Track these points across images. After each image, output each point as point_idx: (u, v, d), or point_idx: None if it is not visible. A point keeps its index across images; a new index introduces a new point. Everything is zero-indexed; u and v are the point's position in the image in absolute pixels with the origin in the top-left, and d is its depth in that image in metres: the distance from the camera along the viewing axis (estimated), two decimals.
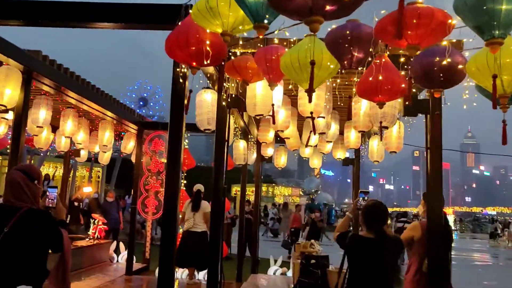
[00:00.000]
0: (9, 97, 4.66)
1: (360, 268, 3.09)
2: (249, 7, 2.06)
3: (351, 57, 2.74)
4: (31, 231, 2.64)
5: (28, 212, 2.62)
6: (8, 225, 2.54)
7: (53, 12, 3.49)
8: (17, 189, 2.63)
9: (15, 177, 2.65)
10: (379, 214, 3.15)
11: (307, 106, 4.15)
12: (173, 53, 2.84)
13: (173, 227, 3.19)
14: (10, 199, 2.64)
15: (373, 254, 3.03)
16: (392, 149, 5.70)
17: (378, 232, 3.06)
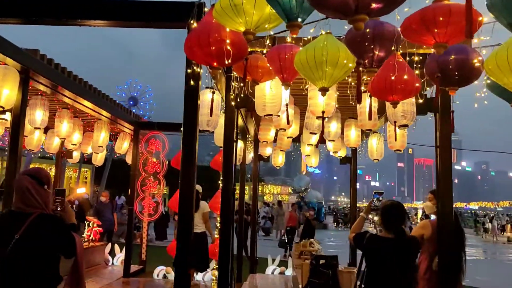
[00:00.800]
0: (6, 97, 4.51)
1: (379, 269, 3.06)
2: (282, 5, 2.00)
3: (372, 56, 2.70)
4: (43, 237, 2.56)
5: (39, 217, 2.54)
6: (19, 232, 2.46)
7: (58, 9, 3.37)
8: (26, 194, 2.54)
9: (23, 183, 2.56)
10: (398, 214, 3.13)
11: (318, 106, 4.11)
12: (193, 53, 2.76)
13: (189, 228, 3.11)
14: (20, 205, 2.56)
15: (393, 254, 3.01)
16: (396, 147, 5.70)
17: (398, 232, 3.04)
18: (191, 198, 3.12)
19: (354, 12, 1.58)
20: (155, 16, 3.30)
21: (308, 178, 32.21)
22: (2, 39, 4.14)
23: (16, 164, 4.50)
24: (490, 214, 38.46)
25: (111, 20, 3.33)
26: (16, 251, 2.44)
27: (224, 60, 2.78)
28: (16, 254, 2.44)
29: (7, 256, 2.44)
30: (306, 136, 6.70)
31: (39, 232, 2.51)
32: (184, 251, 3.10)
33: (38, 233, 2.51)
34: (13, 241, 2.43)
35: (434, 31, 2.29)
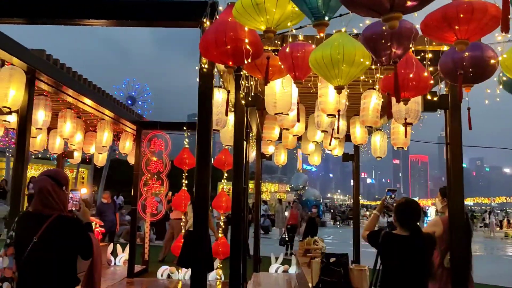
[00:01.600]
0: (13, 98, 4.47)
1: (395, 267, 3.06)
2: (309, 4, 1.99)
3: (389, 53, 2.69)
4: (61, 239, 2.56)
5: (57, 219, 2.55)
6: (37, 234, 2.47)
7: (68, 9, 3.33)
8: (46, 196, 2.55)
9: (44, 184, 2.57)
10: (413, 211, 3.13)
11: (328, 104, 4.10)
12: (209, 52, 2.74)
13: (204, 228, 3.09)
14: (39, 207, 2.56)
15: (409, 252, 3.01)
16: (400, 145, 5.71)
17: (414, 229, 3.04)
18: (206, 198, 3.10)
19: (389, 10, 1.57)
20: (168, 16, 3.27)
21: (306, 176, 32.27)
22: (8, 39, 4.10)
23: (23, 165, 4.46)
24: (486, 210, 38.73)
25: (123, 20, 3.30)
26: (34, 253, 2.45)
27: (240, 59, 2.77)
28: (34, 256, 2.45)
29: (26, 257, 2.45)
30: (311, 134, 6.70)
31: (57, 234, 2.52)
32: (199, 250, 3.08)
33: (56, 235, 2.52)
34: (32, 243, 2.44)
35: (456, 28, 2.29)
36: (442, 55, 3.16)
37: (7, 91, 4.41)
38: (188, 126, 7.79)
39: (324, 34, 3.51)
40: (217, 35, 2.68)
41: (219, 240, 7.57)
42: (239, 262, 3.96)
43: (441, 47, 3.61)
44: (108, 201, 10.24)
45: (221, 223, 7.73)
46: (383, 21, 1.61)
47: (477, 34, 2.30)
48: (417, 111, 4.05)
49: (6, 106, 4.43)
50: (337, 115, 3.84)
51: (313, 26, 2.15)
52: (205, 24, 3.18)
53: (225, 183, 7.70)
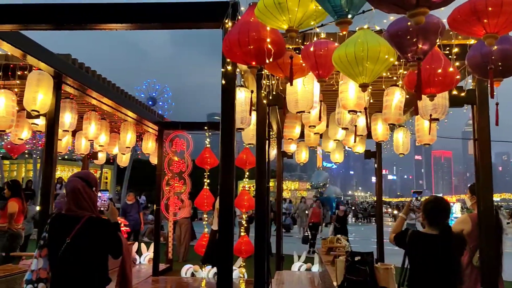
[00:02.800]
0: (41, 102, 4.60)
1: (424, 266, 3.00)
2: (332, 2, 1.98)
3: (415, 49, 2.65)
4: (93, 240, 2.63)
5: (88, 221, 2.62)
6: (70, 235, 2.54)
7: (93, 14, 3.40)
8: (78, 197, 2.63)
9: (75, 185, 2.65)
10: (442, 209, 3.07)
11: (349, 100, 4.06)
12: (232, 53, 2.75)
13: (230, 225, 3.12)
14: (71, 207, 2.64)
15: (438, 251, 2.95)
16: (425, 141, 5.60)
17: (443, 228, 2.98)
18: (231, 195, 3.12)
19: (415, 5, 1.55)
20: (189, 17, 3.30)
21: (327, 173, 32.09)
22: (36, 44, 4.21)
23: (52, 167, 4.59)
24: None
25: (146, 23, 3.35)
26: (67, 253, 2.51)
27: (263, 59, 2.77)
28: (67, 257, 2.52)
29: (59, 258, 2.52)
30: (333, 132, 6.65)
31: (88, 235, 2.59)
32: (226, 247, 3.10)
33: (88, 236, 2.58)
34: (64, 244, 2.51)
35: (484, 21, 2.24)
36: (469, 49, 3.09)
37: (36, 95, 4.53)
38: (210, 126, 7.85)
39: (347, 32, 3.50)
40: (240, 36, 2.69)
41: (241, 239, 7.60)
42: (263, 261, 3.97)
43: (468, 41, 3.53)
44: (132, 202, 10.42)
45: (243, 222, 7.76)
46: (408, 17, 1.59)
47: (507, 28, 2.24)
48: (445, 106, 3.97)
49: (34, 109, 4.56)
50: (360, 112, 3.80)
51: (336, 24, 2.14)
52: (227, 25, 3.19)
53: (247, 181, 7.71)
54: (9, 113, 4.86)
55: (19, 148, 8.16)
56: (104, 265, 2.70)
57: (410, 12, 1.58)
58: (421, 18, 1.59)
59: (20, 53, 4.02)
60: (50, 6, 3.55)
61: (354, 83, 4.07)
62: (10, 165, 23.91)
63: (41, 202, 4.59)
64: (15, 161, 23.16)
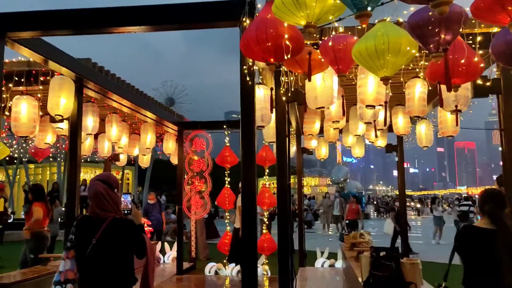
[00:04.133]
0: (64, 106, 4.69)
1: (479, 264, 2.82)
2: None
3: (438, 40, 2.59)
4: (118, 241, 2.67)
5: (113, 221, 2.67)
6: (95, 237, 2.59)
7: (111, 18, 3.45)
8: (101, 199, 2.68)
9: (98, 188, 2.70)
10: (499, 201, 2.83)
11: (367, 95, 4.01)
12: (250, 50, 2.75)
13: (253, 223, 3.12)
14: (95, 210, 2.69)
15: (495, 247, 2.67)
16: (449, 133, 5.47)
17: (501, 222, 2.74)
18: (253, 193, 3.12)
19: None
20: (206, 17, 3.30)
21: (347, 168, 31.79)
22: (58, 50, 4.29)
23: (76, 170, 4.68)
24: None
25: (163, 25, 3.37)
26: (93, 254, 2.57)
27: (281, 55, 2.76)
28: (94, 258, 2.57)
29: (86, 259, 2.57)
30: (353, 126, 6.58)
31: (113, 236, 2.63)
32: (250, 245, 3.10)
33: (113, 237, 2.63)
34: (91, 246, 2.57)
35: (509, 8, 2.17)
36: (493, 37, 3.01)
37: (59, 100, 4.63)
38: (228, 124, 7.87)
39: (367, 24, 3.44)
40: (257, 33, 2.68)
41: (263, 236, 7.61)
42: (287, 257, 3.95)
43: (491, 29, 3.43)
44: (153, 202, 10.55)
45: (264, 219, 7.76)
46: (431, 7, 1.55)
47: None
48: (467, 97, 3.87)
49: (58, 114, 4.65)
50: (381, 105, 3.74)
51: (355, 17, 2.10)
52: (245, 23, 3.18)
53: (267, 179, 7.71)
54: (31, 119, 4.98)
55: (44, 152, 8.34)
56: (130, 265, 2.74)
57: (433, 2, 1.54)
58: (445, 8, 1.55)
59: (41, 58, 4.11)
60: (69, 12, 3.62)
61: (373, 77, 4.02)
62: (35, 168, 24.51)
63: (67, 204, 4.69)
64: (39, 164, 23.69)
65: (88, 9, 3.61)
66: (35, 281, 4.84)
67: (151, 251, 2.92)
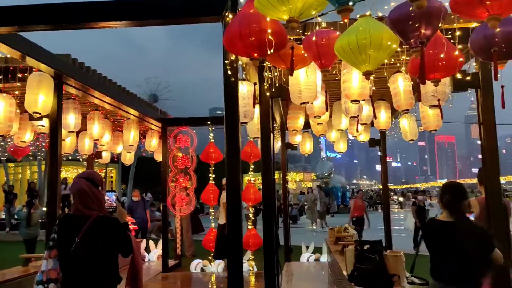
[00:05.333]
0: (43, 103, 4.59)
1: (441, 255, 2.90)
2: None
3: (418, 35, 2.62)
4: (102, 239, 2.63)
5: (97, 219, 2.62)
6: (79, 235, 2.54)
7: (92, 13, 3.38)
8: (84, 197, 2.64)
9: (81, 185, 2.66)
10: (458, 194, 2.93)
11: (352, 89, 4.03)
12: (233, 45, 2.73)
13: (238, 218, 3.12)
14: (79, 207, 2.64)
15: (454, 239, 2.81)
16: (431, 127, 5.56)
17: (459, 215, 2.87)
18: (238, 189, 3.12)
19: None
20: (188, 12, 3.27)
21: (331, 163, 32.05)
22: (35, 46, 4.20)
23: (57, 168, 4.59)
24: None
25: (145, 20, 3.32)
26: (77, 253, 2.51)
27: (265, 50, 2.75)
28: (77, 256, 2.52)
29: (69, 258, 2.52)
30: (336, 121, 6.63)
31: (97, 234, 2.59)
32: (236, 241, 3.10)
33: (97, 235, 2.58)
34: (74, 244, 2.51)
35: (487, 3, 2.21)
36: (472, 32, 3.06)
37: (37, 97, 4.53)
38: (213, 120, 7.83)
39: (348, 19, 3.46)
40: (240, 28, 2.67)
41: (249, 232, 7.62)
42: (273, 253, 3.97)
43: (469, 24, 3.49)
44: (138, 199, 10.45)
45: (250, 215, 7.77)
46: (410, 1, 1.56)
47: (510, 9, 2.20)
48: (445, 92, 3.93)
49: (36, 111, 4.55)
50: (364, 100, 3.77)
51: (337, 12, 2.11)
52: (227, 18, 3.16)
53: (252, 175, 7.71)
54: (6, 118, 4.87)
55: (23, 151, 8.16)
56: (114, 264, 2.71)
57: None
58: (423, 2, 1.58)
59: (19, 54, 4.01)
60: (48, 6, 3.53)
61: (357, 72, 4.04)
62: (14, 167, 24.00)
63: (48, 203, 4.60)
64: (19, 163, 23.21)
65: (68, 3, 3.51)
66: (17, 282, 4.75)
67: (137, 248, 2.88)
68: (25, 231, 8.91)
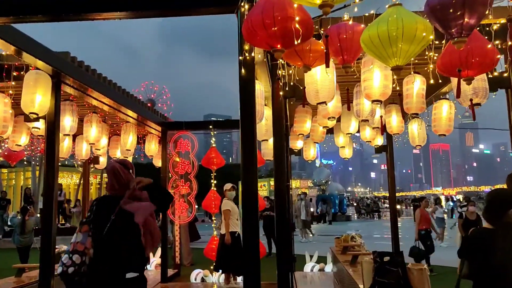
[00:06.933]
0: (40, 104, 4.28)
1: (484, 264, 2.66)
2: None
3: (461, 23, 2.36)
4: None
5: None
6: (114, 212, 2.69)
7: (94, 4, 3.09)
8: (118, 177, 2.85)
9: (114, 166, 2.90)
10: (500, 202, 2.69)
11: (373, 89, 3.77)
12: (253, 36, 2.46)
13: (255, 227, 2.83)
14: (114, 186, 2.83)
15: (495, 246, 2.57)
16: (441, 131, 5.30)
17: (502, 222, 2.62)
18: (255, 196, 2.83)
19: None
20: (200, 2, 2.99)
21: (328, 170, 31.79)
22: (33, 41, 3.90)
23: (54, 173, 4.28)
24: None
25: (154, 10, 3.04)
26: (113, 230, 2.67)
27: (290, 41, 2.48)
28: (113, 233, 2.67)
29: (105, 235, 2.68)
30: (345, 125, 6.36)
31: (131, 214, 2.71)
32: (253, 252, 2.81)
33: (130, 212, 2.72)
34: (110, 221, 2.67)
35: None
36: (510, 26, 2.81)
37: (34, 97, 4.22)
38: (215, 125, 7.55)
39: (375, 12, 3.19)
40: (264, 16, 2.39)
41: None
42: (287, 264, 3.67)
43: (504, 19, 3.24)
44: None
45: None
46: None
47: None
48: (485, 89, 3.66)
49: (33, 112, 4.25)
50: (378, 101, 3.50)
51: None
52: (242, 9, 2.89)
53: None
54: (1, 119, 4.57)
55: (18, 155, 7.83)
56: (142, 245, 2.79)
57: None
58: None
59: (14, 49, 3.70)
60: None
61: (378, 70, 3.79)
62: (8, 173, 23.50)
63: (43, 210, 4.28)
64: (13, 169, 22.74)
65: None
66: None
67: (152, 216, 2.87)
68: (19, 239, 8.54)
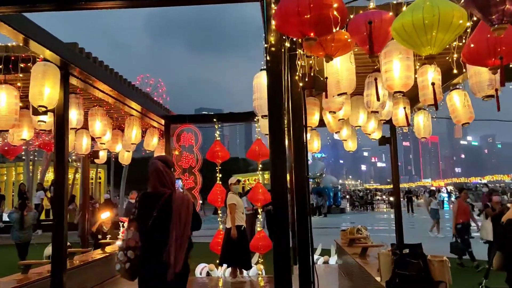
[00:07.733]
0: (48, 96, 4.15)
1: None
2: None
3: (503, 9, 2.30)
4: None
5: (170, 196, 2.92)
6: (156, 209, 2.83)
7: None
8: (160, 176, 2.96)
9: (157, 165, 2.99)
10: None
11: (395, 80, 3.70)
12: (286, 23, 2.38)
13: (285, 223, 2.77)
14: (156, 185, 2.95)
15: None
16: (464, 120, 5.21)
17: None
18: (285, 190, 2.76)
19: None
20: None
21: (323, 163, 31.87)
22: (41, 29, 3.75)
23: (64, 168, 4.17)
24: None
25: None
26: (155, 226, 2.83)
27: (324, 28, 2.40)
28: (155, 229, 2.83)
29: (149, 230, 2.84)
30: (354, 117, 6.31)
31: (171, 209, 2.87)
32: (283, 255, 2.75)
33: (171, 210, 2.86)
34: (152, 218, 2.83)
35: None
36: None
37: (42, 89, 4.09)
38: (219, 118, 7.45)
39: (404, 0, 3.11)
40: (299, 2, 2.31)
41: (258, 234, 7.27)
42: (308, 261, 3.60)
43: None
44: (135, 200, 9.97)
45: (259, 217, 7.42)
46: None
47: None
48: None
49: (42, 105, 4.11)
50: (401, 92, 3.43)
51: None
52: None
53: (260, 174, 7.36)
54: (12, 111, 4.42)
55: (16, 150, 7.64)
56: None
57: None
58: None
59: (22, 37, 3.56)
60: None
61: (398, 61, 3.72)
62: None
63: (55, 205, 4.16)
64: (4, 164, 22.38)
65: None
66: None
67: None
68: (18, 235, 8.38)
